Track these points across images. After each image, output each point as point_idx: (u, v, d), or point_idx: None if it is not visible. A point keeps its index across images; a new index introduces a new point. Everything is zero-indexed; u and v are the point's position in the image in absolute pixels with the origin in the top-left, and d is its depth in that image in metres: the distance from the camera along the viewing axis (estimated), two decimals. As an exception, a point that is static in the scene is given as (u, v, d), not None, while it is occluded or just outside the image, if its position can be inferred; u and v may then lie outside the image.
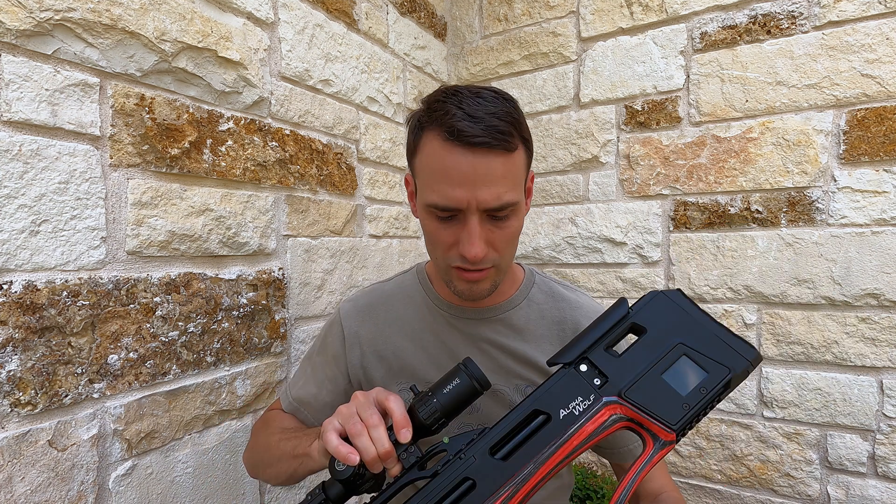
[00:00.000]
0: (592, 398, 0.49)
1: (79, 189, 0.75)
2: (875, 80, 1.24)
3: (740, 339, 0.50)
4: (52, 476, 0.72)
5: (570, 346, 0.52)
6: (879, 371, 1.25)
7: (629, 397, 0.48)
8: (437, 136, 0.62)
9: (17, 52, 0.68)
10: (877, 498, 1.26)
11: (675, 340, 0.50)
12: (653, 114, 1.51)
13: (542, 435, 0.48)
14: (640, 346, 0.50)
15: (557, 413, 0.49)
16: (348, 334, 0.81)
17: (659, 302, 0.52)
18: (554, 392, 0.50)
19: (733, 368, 0.48)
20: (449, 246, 0.65)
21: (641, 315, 0.52)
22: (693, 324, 0.50)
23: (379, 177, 1.46)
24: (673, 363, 0.49)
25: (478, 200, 0.61)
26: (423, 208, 0.67)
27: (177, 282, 0.89)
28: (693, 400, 0.47)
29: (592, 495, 1.51)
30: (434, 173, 0.63)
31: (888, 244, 1.23)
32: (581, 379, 0.50)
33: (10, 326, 0.67)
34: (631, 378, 0.49)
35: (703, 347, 0.49)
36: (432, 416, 0.51)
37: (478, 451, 0.49)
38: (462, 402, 0.51)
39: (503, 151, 0.61)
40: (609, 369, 0.49)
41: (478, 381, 0.51)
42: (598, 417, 0.48)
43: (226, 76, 0.97)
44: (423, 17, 1.68)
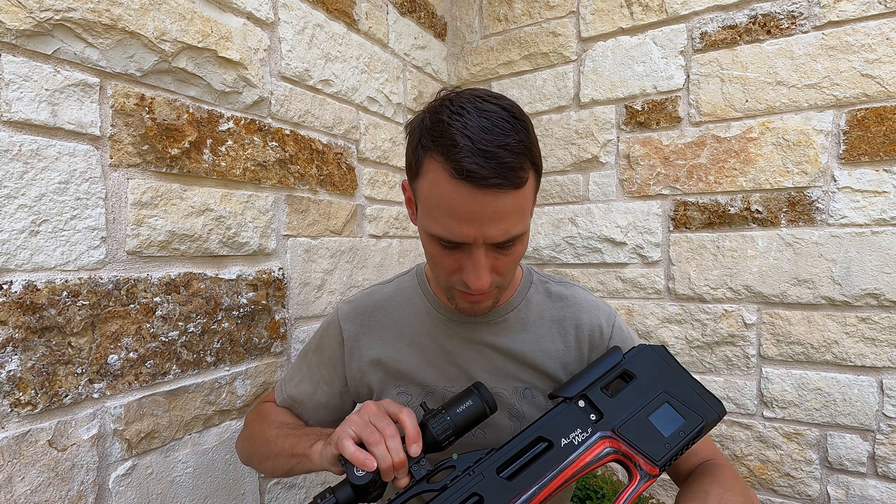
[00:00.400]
0: (590, 431, 0.56)
1: (79, 189, 0.75)
2: (875, 80, 1.24)
3: (710, 394, 0.61)
4: (52, 476, 0.72)
5: (570, 382, 0.60)
6: (879, 371, 1.25)
7: (621, 433, 0.55)
8: (442, 169, 0.57)
9: (17, 52, 0.68)
10: (877, 498, 1.26)
11: (660, 389, 0.59)
12: (653, 114, 1.51)
13: (544, 460, 0.54)
14: (631, 390, 0.59)
15: (559, 441, 0.55)
16: (347, 338, 0.80)
17: (647, 354, 0.62)
18: (556, 422, 0.56)
19: (706, 417, 0.58)
20: (452, 271, 0.63)
21: (632, 364, 0.61)
22: (674, 375, 0.60)
23: (379, 177, 1.46)
24: (658, 408, 0.57)
25: (485, 236, 0.58)
26: (425, 233, 0.64)
27: (177, 282, 0.89)
28: (674, 441, 0.55)
29: (592, 495, 1.51)
30: (439, 207, 0.59)
31: (888, 244, 1.23)
32: (580, 413, 0.57)
33: (10, 326, 0.67)
34: (623, 417, 0.56)
35: (682, 397, 0.59)
36: (444, 433, 0.54)
37: (486, 470, 0.53)
38: (471, 423, 0.55)
39: (513, 188, 0.57)
40: (604, 407, 0.57)
41: (488, 405, 0.56)
42: (595, 448, 0.55)
43: (226, 76, 0.97)
44: (423, 17, 1.68)
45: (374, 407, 0.57)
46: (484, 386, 0.57)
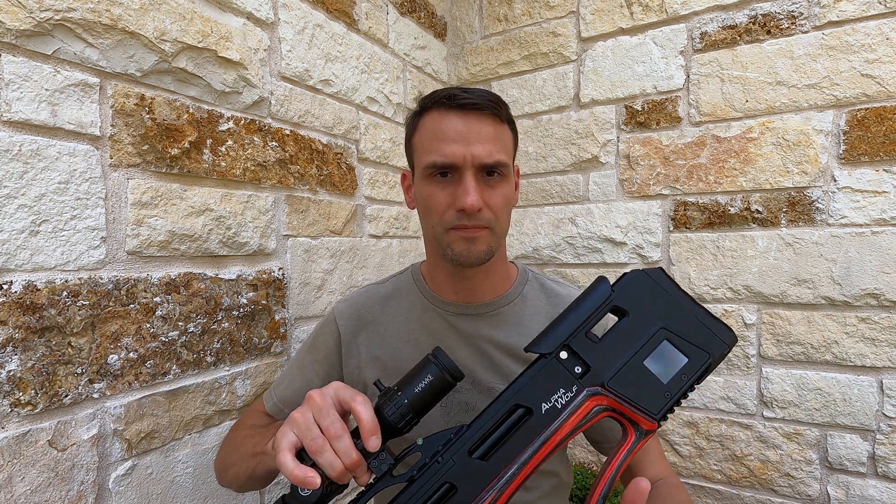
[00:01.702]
0: (575, 389, 0.46)
1: (79, 189, 0.75)
2: (875, 80, 1.24)
3: (719, 321, 0.49)
4: (52, 476, 0.72)
5: (548, 332, 0.48)
6: (879, 371, 1.25)
7: (613, 388, 0.46)
8: (434, 109, 0.70)
9: (17, 52, 0.68)
10: (877, 498, 1.26)
11: (657, 324, 0.48)
12: (653, 114, 1.51)
13: (523, 431, 0.46)
14: (622, 330, 0.48)
15: (539, 407, 0.46)
16: (344, 335, 0.81)
17: (640, 282, 0.50)
18: (534, 384, 0.47)
19: (713, 353, 0.47)
20: (446, 207, 0.69)
21: (622, 296, 0.49)
22: (674, 306, 0.49)
23: (379, 177, 1.46)
24: (655, 348, 0.47)
25: (472, 155, 0.66)
26: (421, 176, 0.72)
27: (177, 282, 0.89)
28: (674, 388, 0.46)
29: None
30: (432, 137, 0.69)
31: (888, 244, 1.23)
32: (562, 369, 0.47)
33: (10, 326, 0.67)
34: (614, 367, 0.47)
35: (684, 331, 0.48)
36: (402, 417, 0.47)
37: (456, 453, 0.46)
38: (434, 397, 0.48)
39: (494, 116, 0.69)
40: (591, 357, 0.47)
41: (450, 373, 0.47)
42: (582, 410, 0.46)
43: (226, 76, 0.97)
44: (423, 17, 1.68)
45: (319, 399, 0.47)
46: (443, 352, 0.49)
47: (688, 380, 0.46)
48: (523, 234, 1.73)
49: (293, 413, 0.48)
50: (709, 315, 0.49)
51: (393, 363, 0.78)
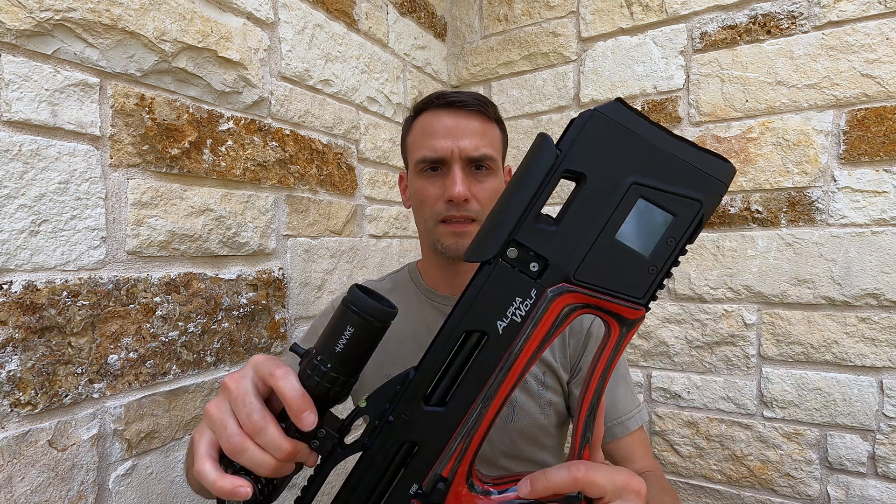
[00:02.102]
0: (534, 293, 0.36)
1: (79, 189, 0.75)
2: (875, 80, 1.24)
3: (707, 152, 0.35)
4: (52, 476, 0.72)
5: (488, 229, 0.37)
6: (879, 371, 1.25)
7: (581, 279, 0.36)
8: (427, 110, 0.74)
9: (17, 52, 0.68)
10: (877, 498, 1.26)
11: (627, 180, 0.35)
12: (653, 114, 1.51)
13: (481, 360, 0.37)
14: (582, 199, 0.36)
15: (494, 326, 0.36)
16: None
17: (595, 128, 0.36)
18: (483, 300, 0.37)
19: (705, 199, 0.35)
20: (436, 199, 0.72)
21: (575, 154, 0.36)
22: (645, 148, 0.35)
23: (379, 177, 1.46)
24: (628, 213, 0.35)
25: (460, 148, 0.70)
26: (413, 173, 0.76)
27: (177, 282, 0.89)
28: (660, 258, 0.35)
29: (592, 495, 1.51)
30: (423, 134, 0.73)
31: (888, 244, 1.23)
32: (514, 272, 0.36)
33: (10, 326, 0.67)
34: (579, 252, 0.36)
35: (663, 178, 0.35)
36: (331, 384, 0.38)
37: (408, 406, 0.38)
38: (365, 348, 0.38)
39: (481, 114, 0.73)
40: (547, 247, 0.36)
41: (373, 316, 0.37)
42: (549, 316, 0.36)
43: (226, 76, 0.97)
44: (423, 17, 1.68)
45: (233, 384, 0.38)
46: (359, 293, 0.38)
47: (676, 242, 0.35)
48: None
49: (207, 406, 0.39)
50: (693, 148, 0.36)
51: (389, 355, 0.79)
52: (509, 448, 0.73)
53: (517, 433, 0.73)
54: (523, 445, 0.73)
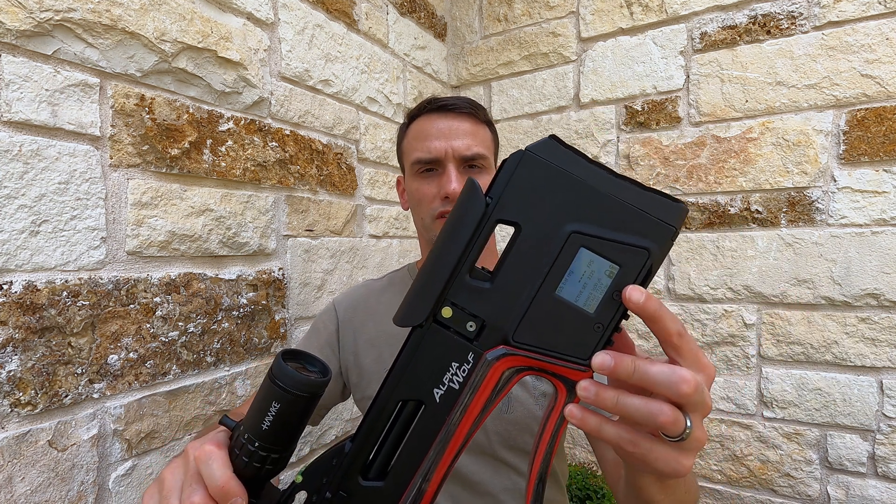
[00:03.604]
0: (472, 358, 0.34)
1: (79, 189, 0.75)
2: (875, 80, 1.24)
3: (654, 192, 0.32)
4: (52, 476, 0.72)
5: (418, 290, 0.34)
6: (879, 371, 1.25)
7: (521, 342, 0.33)
8: (420, 116, 0.78)
9: (17, 53, 0.68)
10: (877, 498, 1.26)
11: (566, 228, 0.32)
12: (653, 114, 1.51)
13: (419, 431, 0.35)
14: (517, 252, 0.33)
15: (431, 395, 0.34)
16: (342, 321, 0.85)
17: (527, 171, 0.32)
18: (416, 368, 0.34)
19: (652, 247, 0.32)
20: (432, 197, 0.75)
21: (507, 203, 0.33)
22: (584, 191, 0.32)
23: (379, 177, 1.46)
24: (568, 267, 0.32)
25: (453, 148, 0.73)
26: (409, 174, 0.79)
27: (177, 282, 0.89)
28: (606, 315, 0.32)
29: (592, 495, 1.51)
30: (418, 137, 0.76)
31: (888, 244, 1.23)
32: (448, 335, 0.34)
33: (10, 326, 0.67)
34: (516, 311, 0.33)
35: (605, 225, 0.32)
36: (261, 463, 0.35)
37: (345, 482, 0.36)
38: (291, 423, 0.35)
39: (472, 116, 0.76)
40: (483, 306, 0.33)
41: (293, 388, 0.34)
42: (488, 382, 0.34)
43: (226, 76, 0.97)
44: (423, 18, 1.68)
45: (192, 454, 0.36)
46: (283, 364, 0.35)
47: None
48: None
49: (164, 470, 0.38)
50: (638, 188, 0.32)
51: (388, 350, 0.80)
52: (505, 438, 0.74)
53: (512, 424, 0.73)
54: (518, 436, 0.74)
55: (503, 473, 0.74)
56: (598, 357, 0.31)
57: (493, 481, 0.73)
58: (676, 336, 0.31)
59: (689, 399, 0.29)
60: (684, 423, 0.30)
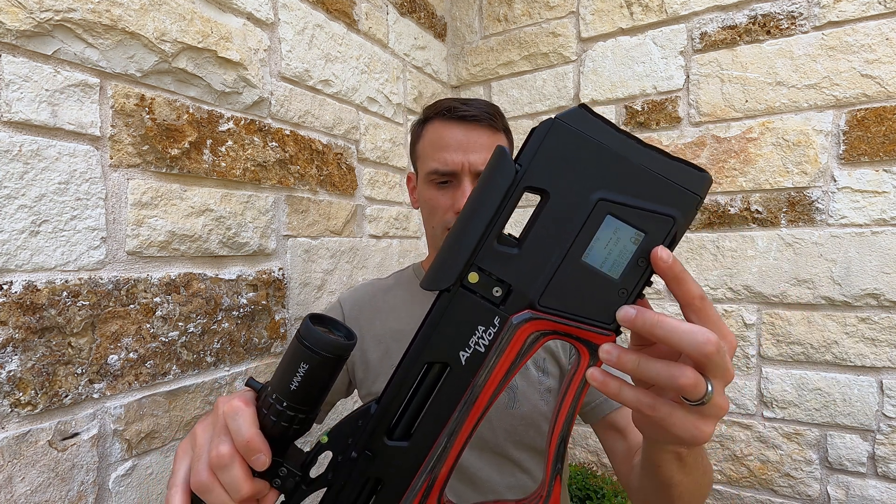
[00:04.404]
0: (498, 322, 0.34)
1: (79, 189, 0.75)
2: (875, 80, 1.24)
3: (680, 162, 0.33)
4: (52, 476, 0.72)
5: (446, 255, 0.34)
6: (879, 371, 1.25)
7: (547, 306, 0.33)
8: (437, 120, 0.76)
9: (17, 53, 0.68)
10: (877, 498, 1.26)
11: (593, 196, 0.33)
12: (653, 114, 1.51)
13: (445, 393, 0.35)
14: (544, 219, 0.33)
15: (457, 357, 0.35)
16: (348, 317, 0.85)
17: (557, 139, 0.33)
18: (443, 331, 0.35)
19: (678, 214, 0.32)
20: (446, 209, 0.75)
21: (535, 170, 0.33)
22: (612, 159, 0.33)
23: (379, 177, 1.46)
24: (595, 234, 0.33)
25: (469, 163, 0.72)
26: (423, 181, 0.78)
27: (177, 282, 0.89)
28: (631, 280, 0.33)
29: (592, 495, 1.51)
30: (434, 146, 0.75)
31: (888, 244, 1.23)
32: (475, 299, 0.34)
33: (10, 326, 0.67)
34: (543, 276, 0.33)
35: (632, 192, 0.33)
36: (289, 423, 0.36)
37: (371, 443, 0.36)
38: (322, 383, 0.36)
39: (490, 127, 0.75)
40: (510, 271, 0.34)
41: (321, 349, 0.35)
42: (514, 345, 0.34)
43: (226, 76, 0.97)
44: (422, 18, 1.68)
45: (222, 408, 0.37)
46: (311, 326, 0.36)
47: (648, 262, 0.32)
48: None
49: (196, 425, 0.39)
50: (665, 157, 0.33)
51: (395, 345, 0.80)
52: (511, 434, 0.74)
53: (518, 419, 0.73)
54: (524, 431, 0.74)
55: (508, 471, 0.74)
56: (622, 309, 0.32)
57: (498, 479, 0.73)
58: (699, 299, 0.31)
59: (712, 359, 0.29)
60: (705, 386, 0.30)
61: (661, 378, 0.30)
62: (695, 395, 0.30)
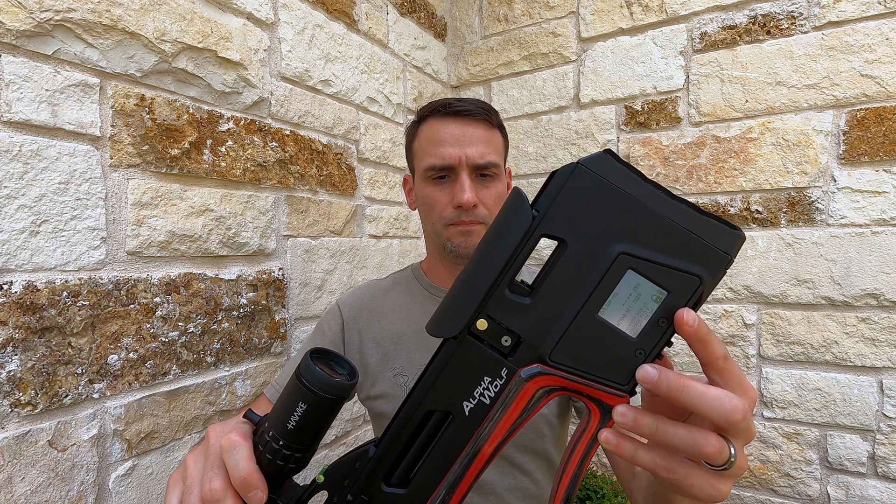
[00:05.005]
0: (505, 374, 0.32)
1: (79, 189, 0.75)
2: (875, 80, 1.24)
3: (711, 217, 0.30)
4: (52, 476, 0.72)
5: (453, 300, 0.32)
6: (879, 371, 1.25)
7: (558, 361, 0.32)
8: (432, 117, 0.76)
9: (17, 53, 0.68)
10: (877, 498, 1.26)
11: (614, 248, 0.31)
12: (653, 114, 1.51)
13: (446, 442, 0.34)
14: (561, 269, 0.31)
15: (461, 407, 0.33)
16: (347, 320, 0.84)
17: (578, 185, 0.31)
18: (447, 379, 0.33)
19: (705, 274, 0.30)
20: (445, 204, 0.75)
21: (554, 217, 0.31)
22: (637, 210, 0.31)
23: (379, 177, 1.46)
24: (613, 289, 0.31)
25: (467, 156, 0.72)
26: (420, 178, 0.78)
27: (177, 282, 0.89)
28: (649, 341, 0.30)
29: (592, 495, 1.51)
30: (430, 142, 0.75)
31: (888, 244, 1.23)
32: (482, 348, 0.32)
33: (11, 326, 0.67)
34: (556, 329, 0.31)
35: (657, 248, 0.30)
36: (284, 462, 0.35)
37: (367, 486, 0.35)
38: (319, 422, 0.35)
39: (485, 121, 0.75)
40: (521, 322, 0.32)
41: (320, 389, 0.34)
42: (520, 400, 0.32)
43: (226, 76, 0.97)
44: (423, 18, 1.68)
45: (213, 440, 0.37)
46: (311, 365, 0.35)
47: (669, 323, 0.30)
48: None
49: (187, 456, 0.38)
50: (695, 211, 0.30)
51: (394, 347, 0.80)
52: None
53: None
54: (525, 434, 0.74)
55: (508, 472, 0.74)
56: (643, 370, 0.29)
57: (498, 480, 0.73)
58: (723, 359, 0.30)
59: (738, 426, 0.28)
60: (729, 452, 0.29)
61: (684, 445, 0.29)
62: (718, 462, 0.29)
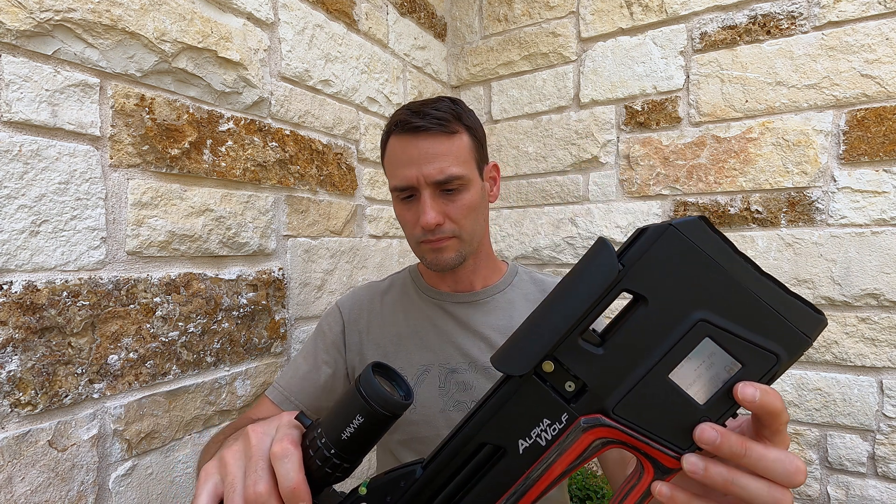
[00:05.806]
0: (565, 419, 0.32)
1: (79, 189, 0.75)
2: (875, 80, 1.24)
3: (797, 298, 0.30)
4: (52, 476, 0.72)
5: (523, 338, 0.32)
6: (879, 371, 1.25)
7: (621, 416, 0.31)
8: (393, 135, 0.74)
9: (17, 53, 0.68)
10: (877, 498, 1.26)
11: (695, 315, 0.30)
12: (653, 114, 1.51)
13: (495, 477, 0.33)
14: (637, 325, 0.31)
15: (515, 444, 0.33)
16: (347, 321, 0.85)
17: (667, 246, 0.30)
18: (506, 415, 0.33)
19: (783, 354, 0.30)
20: (414, 224, 0.74)
21: (639, 274, 0.31)
22: (723, 280, 0.30)
23: (379, 177, 1.46)
24: (688, 353, 0.30)
25: (424, 175, 0.70)
26: (392, 197, 0.77)
27: (177, 282, 0.89)
28: (716, 410, 0.30)
29: (592, 495, 1.51)
30: (392, 163, 0.74)
31: (888, 244, 1.23)
32: (545, 390, 0.32)
33: (10, 326, 0.67)
34: (623, 384, 0.31)
35: (737, 320, 0.30)
36: (333, 470, 0.35)
37: None
38: (369, 437, 0.35)
39: (442, 133, 0.71)
40: (589, 371, 0.31)
41: (381, 406, 0.35)
42: (576, 448, 0.32)
43: (226, 76, 0.97)
44: (423, 18, 1.68)
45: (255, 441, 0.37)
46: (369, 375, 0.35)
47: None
48: (523, 234, 1.73)
49: (224, 452, 0.38)
50: (781, 290, 0.30)
51: (393, 348, 0.81)
52: None
53: None
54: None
55: None
56: (704, 431, 0.29)
57: None
58: (784, 424, 0.30)
59: (798, 486, 0.29)
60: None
61: (762, 499, 0.29)
62: None
